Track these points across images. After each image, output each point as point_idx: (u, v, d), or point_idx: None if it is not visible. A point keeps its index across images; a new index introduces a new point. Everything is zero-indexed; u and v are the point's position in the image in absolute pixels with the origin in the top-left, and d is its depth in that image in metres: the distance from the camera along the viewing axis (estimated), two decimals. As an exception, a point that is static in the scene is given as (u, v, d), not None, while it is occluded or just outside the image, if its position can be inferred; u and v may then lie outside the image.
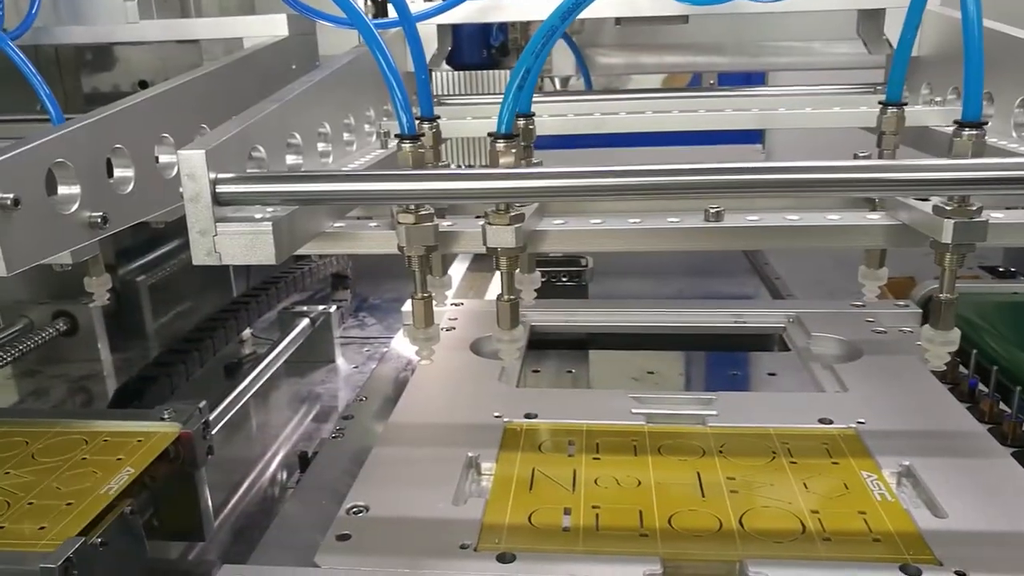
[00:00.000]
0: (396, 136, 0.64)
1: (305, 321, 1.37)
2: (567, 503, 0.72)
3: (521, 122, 0.78)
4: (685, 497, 0.73)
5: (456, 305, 1.23)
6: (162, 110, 0.78)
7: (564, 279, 1.49)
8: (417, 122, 0.70)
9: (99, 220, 0.67)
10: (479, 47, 1.26)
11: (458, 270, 1.65)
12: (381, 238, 0.67)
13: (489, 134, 0.62)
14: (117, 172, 0.72)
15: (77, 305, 1.37)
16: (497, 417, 0.88)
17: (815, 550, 0.66)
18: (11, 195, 0.57)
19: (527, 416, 0.88)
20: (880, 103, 0.75)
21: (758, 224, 0.65)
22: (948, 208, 0.58)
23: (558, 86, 1.48)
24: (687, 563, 0.65)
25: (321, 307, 1.41)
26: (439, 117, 0.76)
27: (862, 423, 0.84)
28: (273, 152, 0.65)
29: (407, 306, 1.09)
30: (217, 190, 0.55)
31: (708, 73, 1.87)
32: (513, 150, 0.62)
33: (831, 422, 0.85)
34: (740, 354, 1.18)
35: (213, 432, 0.85)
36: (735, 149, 1.98)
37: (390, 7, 1.00)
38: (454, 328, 1.15)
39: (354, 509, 0.72)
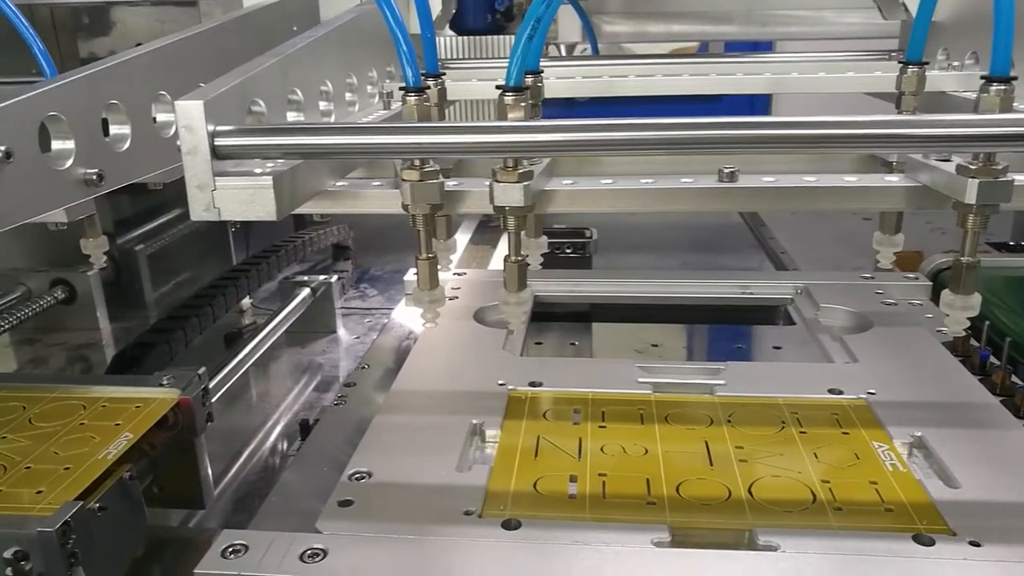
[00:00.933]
0: (401, 89, 0.62)
1: (306, 291, 1.35)
2: (573, 471, 0.71)
3: (529, 79, 0.76)
4: (693, 466, 0.72)
5: (459, 275, 1.22)
6: (159, 66, 0.76)
7: (568, 250, 1.47)
8: (423, 77, 0.68)
9: (94, 177, 0.65)
10: (484, 11, 1.23)
11: (460, 242, 1.63)
12: (385, 197, 0.65)
13: (497, 86, 0.60)
14: (113, 129, 0.70)
15: (75, 273, 1.36)
16: (501, 385, 0.86)
17: (826, 520, 0.64)
18: (2, 147, 0.56)
19: (532, 384, 0.87)
20: (900, 62, 0.73)
21: (773, 185, 0.63)
22: (972, 167, 0.56)
23: (564, 53, 1.45)
24: (696, 531, 0.63)
25: (322, 277, 1.40)
26: (444, 74, 0.74)
27: (872, 394, 0.83)
28: (273, 107, 0.63)
29: (409, 275, 1.08)
30: (216, 143, 0.53)
31: (715, 44, 1.85)
32: (522, 104, 0.60)
33: (841, 392, 0.84)
34: (745, 327, 1.16)
35: (213, 400, 0.84)
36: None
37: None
38: (457, 297, 1.13)
39: (356, 475, 0.70)
